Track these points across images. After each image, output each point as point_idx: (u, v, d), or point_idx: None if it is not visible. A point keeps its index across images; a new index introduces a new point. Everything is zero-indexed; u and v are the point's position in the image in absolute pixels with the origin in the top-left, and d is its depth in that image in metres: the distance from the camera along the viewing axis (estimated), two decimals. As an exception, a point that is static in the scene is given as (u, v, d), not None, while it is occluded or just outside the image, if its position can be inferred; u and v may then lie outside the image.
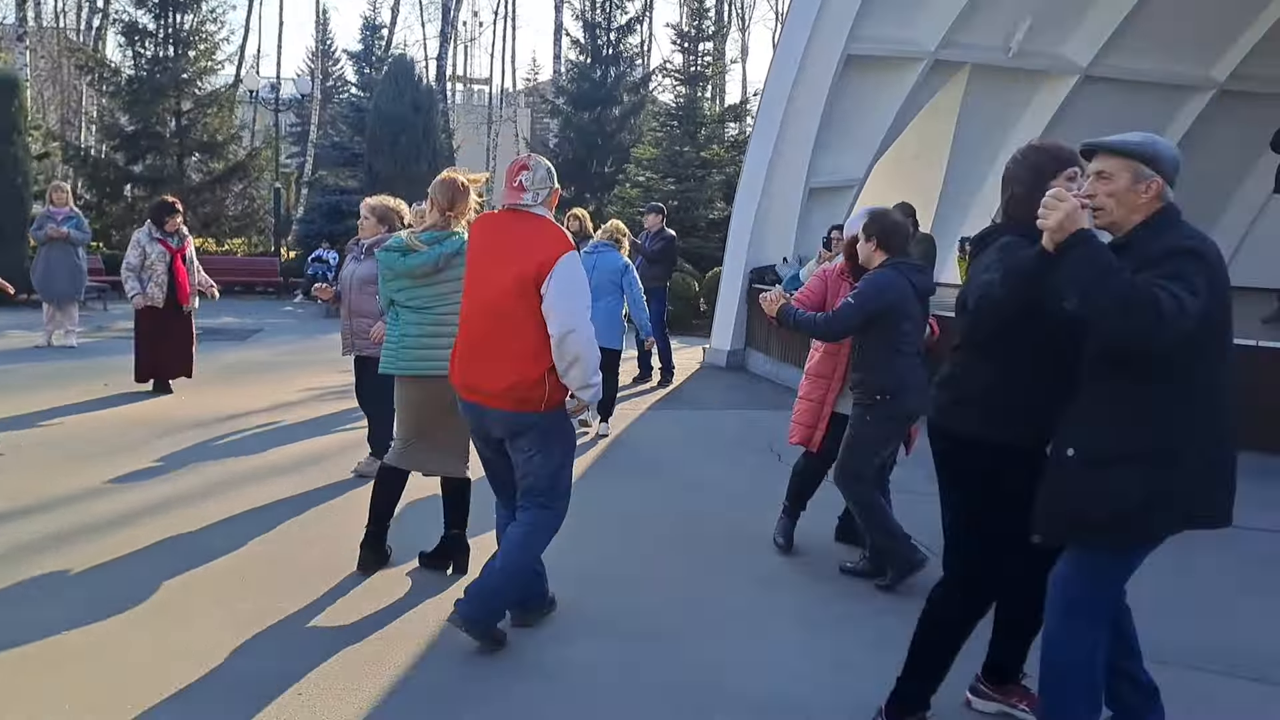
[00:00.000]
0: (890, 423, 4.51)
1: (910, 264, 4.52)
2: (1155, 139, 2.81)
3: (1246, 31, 12.25)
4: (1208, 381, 2.68)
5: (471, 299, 3.76)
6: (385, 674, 3.51)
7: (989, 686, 3.38)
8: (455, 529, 4.59)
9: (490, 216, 3.91)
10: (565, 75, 27.19)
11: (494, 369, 3.64)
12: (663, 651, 3.78)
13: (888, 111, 11.46)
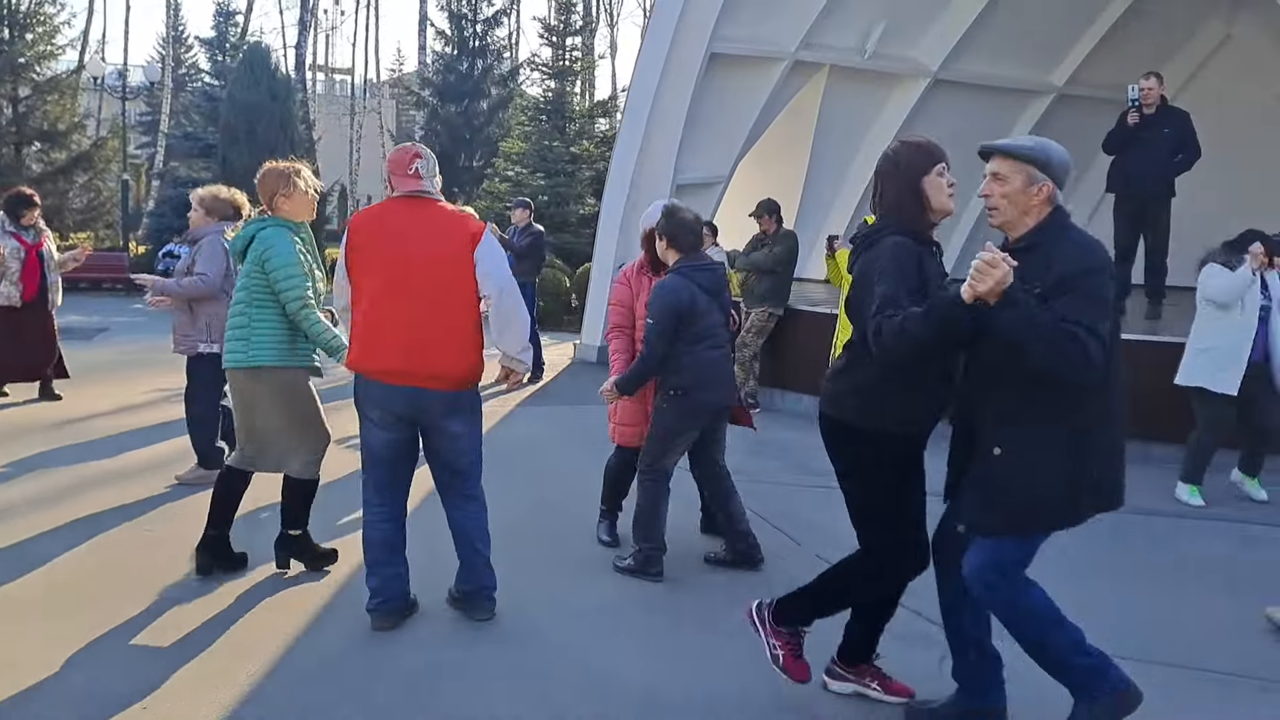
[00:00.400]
0: (686, 417, 4.63)
1: (696, 265, 4.63)
2: (1048, 144, 2.98)
3: (1081, 39, 12.99)
4: (1111, 370, 2.89)
5: (396, 284, 3.69)
6: (236, 684, 3.39)
7: (843, 667, 3.49)
8: (299, 529, 4.46)
9: (389, 204, 3.84)
10: (431, 67, 26.77)
11: (446, 352, 3.71)
12: (526, 649, 3.77)
13: (751, 110, 11.69)
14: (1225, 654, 3.95)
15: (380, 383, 3.72)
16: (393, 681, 3.48)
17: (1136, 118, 8.30)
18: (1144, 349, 7.36)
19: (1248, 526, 5.81)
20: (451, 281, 3.71)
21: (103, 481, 5.85)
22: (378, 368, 3.72)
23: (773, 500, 5.92)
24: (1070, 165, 2.97)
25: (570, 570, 4.69)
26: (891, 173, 3.14)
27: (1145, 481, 6.67)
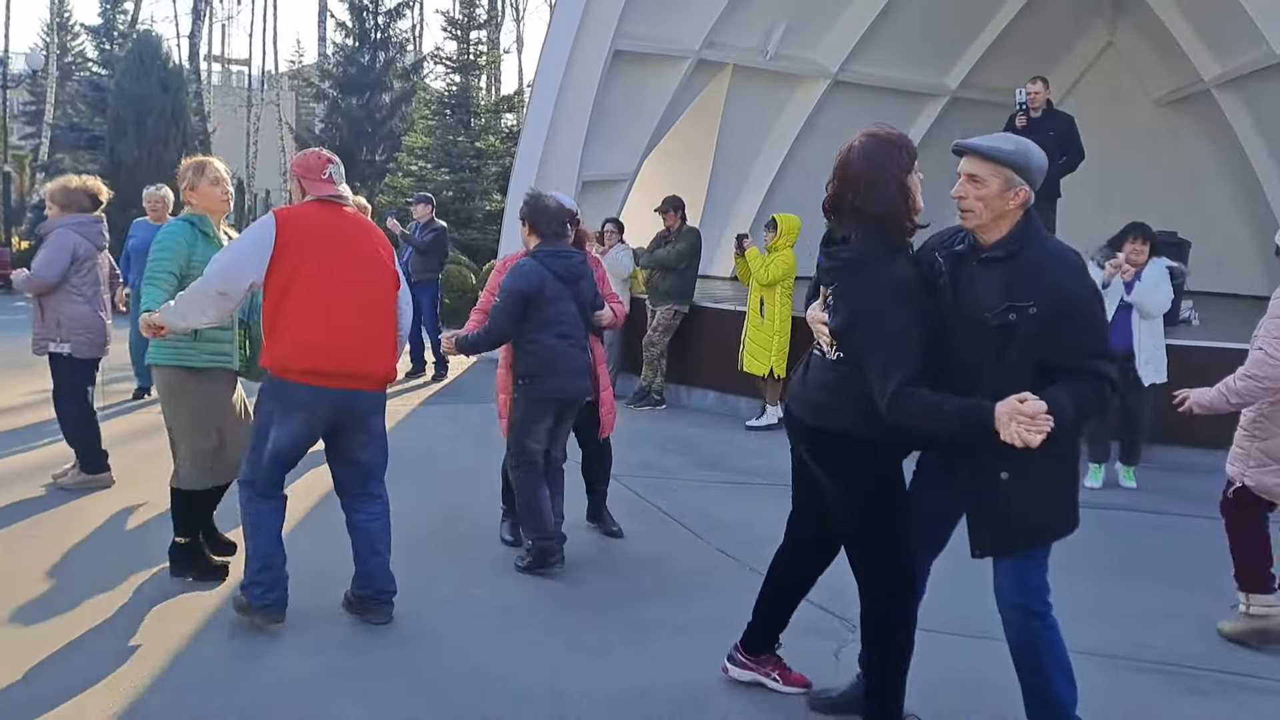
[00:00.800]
0: (534, 405, 4.65)
1: (554, 251, 4.68)
2: (1029, 147, 2.84)
3: (973, 44, 13.41)
4: None
5: (330, 287, 3.70)
6: (120, 693, 3.28)
7: (746, 655, 3.53)
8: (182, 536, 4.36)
9: (316, 208, 3.83)
10: (331, 59, 26.16)
11: (377, 353, 3.83)
12: (425, 651, 3.73)
13: (655, 107, 11.75)
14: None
15: (309, 385, 3.69)
16: (284, 687, 3.40)
17: (1024, 121, 8.60)
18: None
19: (1113, 513, 6.08)
20: (378, 285, 3.86)
21: (-22, 489, 5.59)
22: (306, 368, 3.68)
23: (679, 497, 5.98)
24: (1046, 169, 2.89)
25: (473, 571, 4.65)
26: (874, 175, 2.88)
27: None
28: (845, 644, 3.86)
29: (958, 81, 13.59)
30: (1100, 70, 13.98)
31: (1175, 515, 6.04)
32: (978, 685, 3.63)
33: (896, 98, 13.34)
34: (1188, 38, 11.95)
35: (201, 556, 4.36)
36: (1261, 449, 4.08)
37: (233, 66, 40.87)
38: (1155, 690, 3.67)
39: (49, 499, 5.47)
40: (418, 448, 7.11)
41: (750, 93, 12.61)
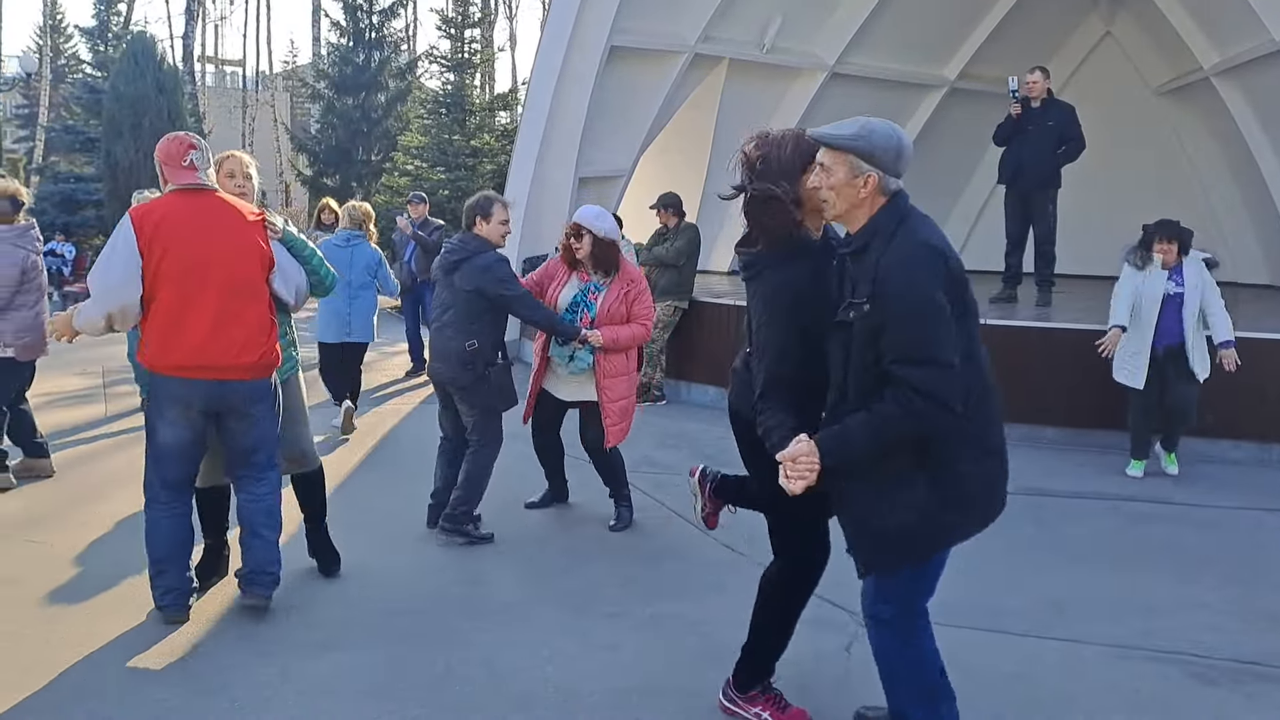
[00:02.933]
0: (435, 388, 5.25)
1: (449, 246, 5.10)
2: (871, 128, 2.64)
3: (972, 34, 13.37)
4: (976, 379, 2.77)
5: (192, 280, 3.69)
6: (126, 692, 3.25)
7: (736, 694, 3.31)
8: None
9: (170, 199, 3.80)
10: (326, 59, 26.13)
11: (243, 342, 3.76)
12: (434, 649, 3.71)
13: (652, 103, 11.72)
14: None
15: (179, 378, 3.72)
16: (294, 686, 3.38)
17: (1017, 109, 8.59)
18: (1033, 334, 7.64)
19: (1131, 504, 6.06)
20: (241, 271, 3.80)
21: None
22: (174, 363, 3.71)
23: (681, 493, 5.94)
24: (903, 149, 2.64)
25: (479, 568, 4.62)
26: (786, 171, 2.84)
27: (1033, 463, 6.95)
28: (856, 638, 3.84)
29: (956, 72, 13.55)
30: (1098, 60, 13.94)
31: (1194, 506, 6.03)
32: (984, 678, 3.61)
33: (895, 89, 13.30)
34: (1186, 26, 11.91)
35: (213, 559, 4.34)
36: None
37: (227, 67, 40.81)
38: (1167, 680, 3.65)
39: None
40: (419, 445, 7.07)
41: (746, 86, 12.56)
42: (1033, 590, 4.52)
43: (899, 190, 2.69)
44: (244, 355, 3.76)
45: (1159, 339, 6.45)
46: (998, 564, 4.87)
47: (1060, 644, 3.93)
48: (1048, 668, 3.72)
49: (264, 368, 3.85)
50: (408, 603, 4.13)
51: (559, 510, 5.59)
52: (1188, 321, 6.45)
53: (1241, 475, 6.71)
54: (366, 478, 6.22)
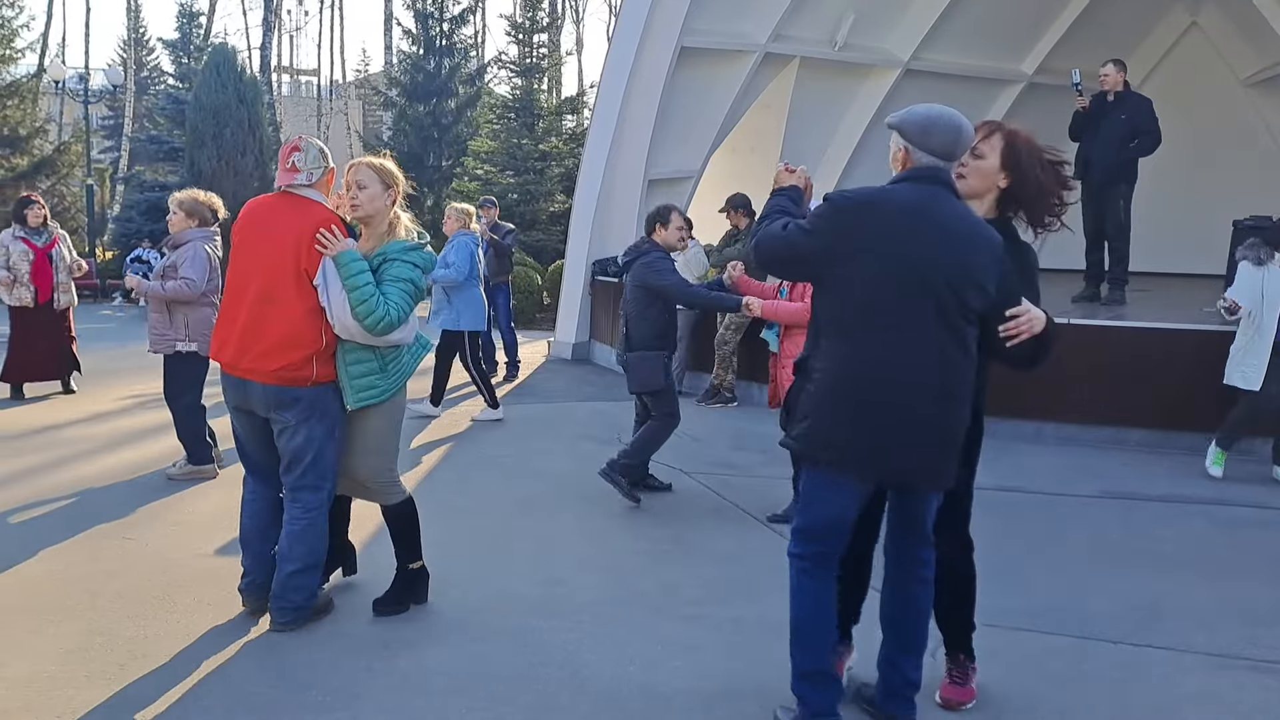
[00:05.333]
0: None
1: None
2: (909, 111, 2.93)
3: (1050, 28, 13.08)
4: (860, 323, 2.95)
5: (239, 279, 3.82)
6: (221, 687, 3.33)
7: None
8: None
9: (267, 200, 3.94)
10: (397, 66, 26.58)
11: (268, 346, 3.73)
12: (517, 649, 3.72)
13: (722, 103, 11.67)
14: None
15: (224, 373, 3.87)
16: (381, 684, 3.42)
17: (1083, 102, 8.38)
18: (1109, 333, 7.43)
19: (1227, 509, 5.85)
20: (274, 277, 3.73)
21: (72, 491, 5.74)
22: (220, 358, 3.87)
23: (755, 494, 5.91)
24: (930, 127, 2.85)
25: (556, 568, 4.63)
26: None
27: (1121, 464, 6.74)
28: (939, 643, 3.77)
29: (1034, 67, 13.27)
30: (1183, 51, 13.53)
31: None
32: (1077, 687, 3.51)
33: (970, 85, 13.07)
34: (1275, 14, 11.48)
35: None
36: None
37: (302, 77, 41.75)
38: (1271, 690, 3.50)
39: (152, 494, 5.61)
40: (494, 447, 7.15)
41: (818, 85, 12.46)
42: (1123, 596, 4.38)
43: (924, 164, 2.88)
44: (265, 361, 3.71)
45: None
46: (1084, 568, 4.74)
47: (1156, 652, 3.80)
48: (1144, 676, 3.60)
49: (286, 378, 3.70)
50: (487, 602, 4.16)
51: (629, 510, 5.58)
52: None
53: (1342, 480, 6.44)
54: (445, 476, 6.29)
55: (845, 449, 2.86)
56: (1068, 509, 5.77)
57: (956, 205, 2.89)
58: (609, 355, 11.23)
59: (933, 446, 2.86)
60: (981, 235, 2.86)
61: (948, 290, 2.79)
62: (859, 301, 2.84)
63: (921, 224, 2.80)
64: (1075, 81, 8.48)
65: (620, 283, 10.86)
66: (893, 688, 3.11)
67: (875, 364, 2.83)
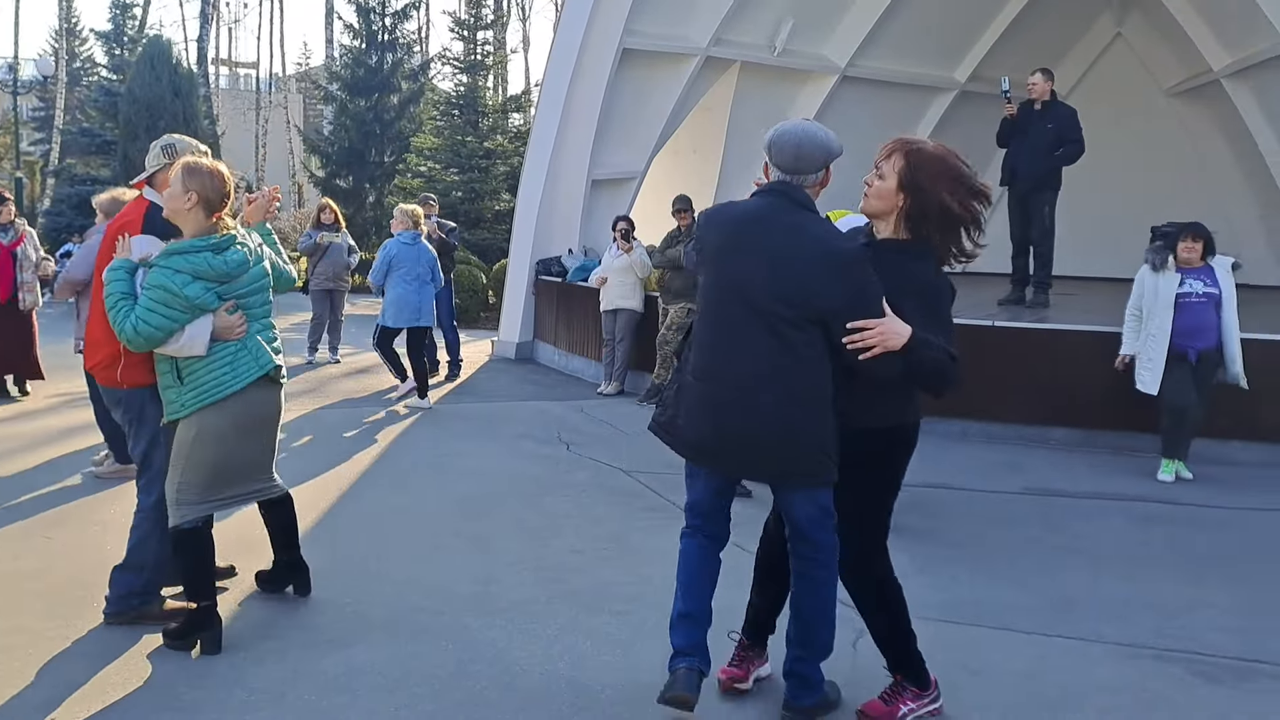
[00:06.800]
0: None
1: None
2: (774, 129, 3.09)
3: (981, 37, 13.39)
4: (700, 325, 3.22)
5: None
6: (144, 687, 3.32)
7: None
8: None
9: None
10: (339, 60, 26.27)
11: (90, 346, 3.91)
12: (448, 647, 3.77)
13: (664, 105, 11.77)
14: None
15: None
16: (308, 686, 3.44)
17: (1011, 110, 8.63)
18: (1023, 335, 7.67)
19: (1141, 505, 6.09)
20: (98, 277, 3.81)
21: (2, 486, 5.65)
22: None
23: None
24: (769, 145, 3.05)
25: (492, 567, 4.68)
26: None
27: (1042, 462, 6.97)
28: (862, 634, 3.88)
29: (966, 75, 13.57)
30: (1109, 62, 13.94)
31: (1204, 507, 6.05)
32: (993, 676, 3.65)
33: (905, 92, 13.34)
34: (1197, 27, 11.91)
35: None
36: None
37: (240, 70, 41.03)
38: (1173, 678, 3.68)
39: (73, 493, 5.54)
40: (433, 447, 7.16)
41: (758, 89, 12.61)
42: (1039, 589, 4.55)
43: (775, 178, 3.09)
44: (87, 359, 3.93)
45: (1191, 341, 6.39)
46: (1006, 562, 4.91)
47: (1069, 642, 3.96)
48: (1056, 666, 3.75)
49: (102, 378, 3.85)
50: (419, 601, 4.19)
51: (569, 510, 5.65)
52: (1229, 321, 6.42)
53: (1251, 476, 6.73)
54: (383, 474, 6.29)
55: (686, 439, 3.17)
56: (991, 505, 5.96)
57: (796, 217, 3.01)
58: (553, 355, 11.27)
59: (760, 442, 3.03)
60: (818, 247, 2.95)
61: (769, 299, 2.96)
62: (703, 307, 3.17)
63: (748, 236, 3.04)
64: (1004, 89, 8.72)
65: (563, 282, 10.97)
66: (785, 672, 3.26)
67: (708, 366, 3.10)
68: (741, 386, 3.02)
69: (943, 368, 2.94)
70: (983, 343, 7.62)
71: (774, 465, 3.08)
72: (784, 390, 2.98)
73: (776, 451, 3.04)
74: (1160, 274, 6.51)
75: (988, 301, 8.84)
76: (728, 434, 3.07)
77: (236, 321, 3.63)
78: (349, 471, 6.31)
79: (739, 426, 3.04)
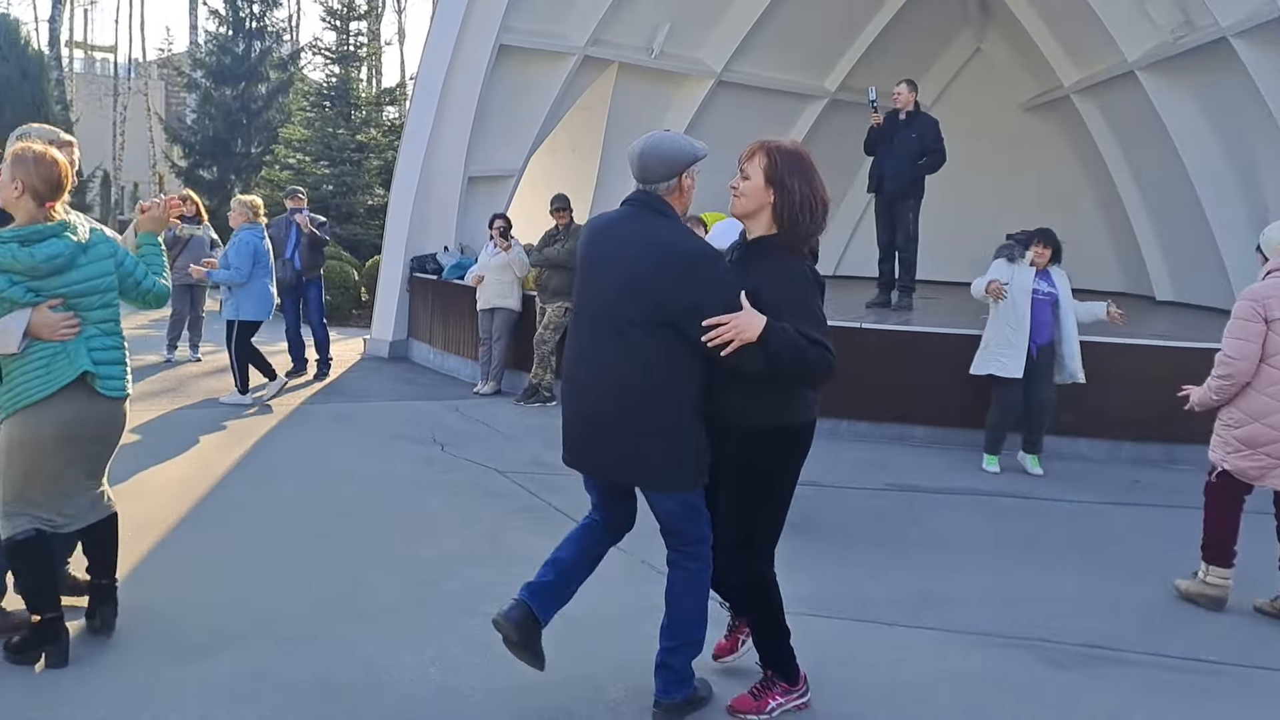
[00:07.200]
0: None
1: None
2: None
3: (851, 47, 13.80)
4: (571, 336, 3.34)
5: None
6: None
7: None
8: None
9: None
10: (204, 47, 25.20)
11: None
12: (313, 653, 3.67)
13: (542, 103, 11.72)
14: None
15: None
16: (165, 696, 3.30)
17: (878, 119, 8.94)
18: (903, 338, 7.96)
19: (995, 499, 6.39)
20: None
21: None
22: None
23: (570, 494, 6.00)
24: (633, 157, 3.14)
25: (361, 570, 4.57)
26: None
27: (905, 459, 7.24)
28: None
29: (836, 84, 13.96)
30: (970, 75, 14.57)
31: (1052, 501, 6.38)
32: (856, 667, 3.78)
33: (779, 98, 13.63)
34: (1050, 45, 12.57)
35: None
36: (1236, 436, 4.44)
37: (97, 54, 38.94)
38: (1023, 665, 3.87)
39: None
40: (300, 449, 6.96)
41: (636, 90, 12.69)
42: (901, 581, 4.73)
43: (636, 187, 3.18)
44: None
45: (1034, 336, 6.79)
46: (871, 556, 5.09)
47: (929, 633, 4.13)
48: (916, 656, 3.91)
49: None
50: (284, 608, 4.07)
51: (441, 511, 5.57)
52: (1066, 323, 6.83)
53: (1094, 471, 7.15)
54: (247, 477, 6.07)
55: (565, 446, 3.29)
56: (858, 501, 6.15)
57: (647, 222, 3.10)
58: (428, 354, 11.08)
59: (620, 450, 3.12)
60: (665, 250, 3.02)
61: (623, 305, 3.04)
62: (574, 318, 3.30)
63: (605, 245, 3.15)
64: (871, 99, 9.01)
65: (439, 280, 10.79)
66: (656, 665, 3.29)
67: (573, 376, 3.24)
68: (602, 394, 3.12)
69: (802, 353, 2.93)
70: (852, 345, 7.85)
71: (634, 472, 3.17)
72: (639, 397, 3.05)
73: (635, 458, 3.11)
74: (1016, 265, 6.87)
75: (856, 305, 9.12)
76: (592, 441, 3.18)
77: (58, 321, 3.37)
78: (210, 473, 6.08)
79: (600, 434, 3.15)
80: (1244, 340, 4.29)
